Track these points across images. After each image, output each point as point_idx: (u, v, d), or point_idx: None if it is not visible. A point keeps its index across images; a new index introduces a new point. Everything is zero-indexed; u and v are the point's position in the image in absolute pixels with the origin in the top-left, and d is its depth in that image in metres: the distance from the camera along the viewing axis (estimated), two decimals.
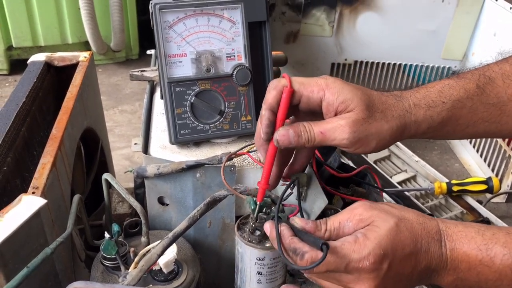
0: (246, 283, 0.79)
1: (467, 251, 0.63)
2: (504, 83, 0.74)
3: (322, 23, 2.53)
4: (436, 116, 0.72)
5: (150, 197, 0.97)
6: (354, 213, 0.66)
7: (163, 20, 0.92)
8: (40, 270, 0.73)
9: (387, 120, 0.70)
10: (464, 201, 1.97)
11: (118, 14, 3.05)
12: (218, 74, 0.96)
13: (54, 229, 0.82)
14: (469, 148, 2.40)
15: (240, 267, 0.80)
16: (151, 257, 0.76)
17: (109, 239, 0.83)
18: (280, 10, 2.50)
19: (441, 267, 0.64)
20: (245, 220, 0.77)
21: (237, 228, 0.75)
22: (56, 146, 0.90)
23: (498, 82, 0.74)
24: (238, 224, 0.76)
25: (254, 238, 0.73)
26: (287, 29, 2.55)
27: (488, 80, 0.74)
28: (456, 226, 0.65)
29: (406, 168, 2.20)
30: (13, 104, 1.02)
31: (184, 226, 0.79)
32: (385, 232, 0.63)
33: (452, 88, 0.74)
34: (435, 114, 0.72)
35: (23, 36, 3.06)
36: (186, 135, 0.96)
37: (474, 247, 0.63)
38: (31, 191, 0.78)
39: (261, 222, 0.73)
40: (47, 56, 1.26)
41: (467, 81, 0.74)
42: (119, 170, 1.93)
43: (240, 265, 0.79)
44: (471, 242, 0.63)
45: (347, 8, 2.50)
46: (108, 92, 2.95)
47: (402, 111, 0.71)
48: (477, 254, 0.63)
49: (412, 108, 0.72)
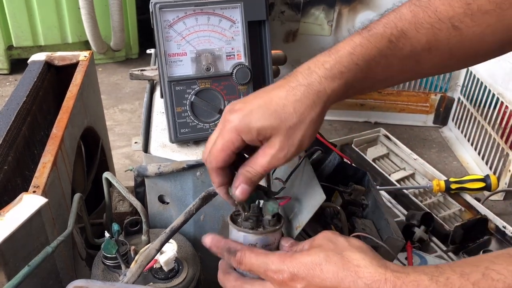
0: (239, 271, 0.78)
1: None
2: (417, 33, 0.71)
3: (321, 22, 2.53)
4: (352, 79, 0.70)
5: (151, 195, 0.98)
6: (313, 238, 0.69)
7: (163, 19, 0.92)
8: (41, 268, 0.74)
9: (305, 117, 0.69)
10: (462, 198, 1.97)
11: (118, 14, 3.05)
12: (218, 73, 0.96)
13: (55, 228, 0.83)
14: (467, 146, 2.41)
15: None
16: (149, 253, 0.76)
17: (109, 238, 0.83)
18: (279, 9, 2.51)
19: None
20: (238, 212, 0.77)
21: (230, 219, 0.76)
22: (56, 145, 0.91)
23: (411, 33, 0.71)
24: (231, 215, 0.77)
25: (247, 225, 0.74)
26: (286, 28, 2.55)
27: (401, 33, 0.71)
28: (407, 276, 0.59)
29: (405, 166, 2.21)
30: (14, 104, 1.02)
31: (181, 220, 0.79)
32: (309, 259, 0.64)
33: (363, 48, 0.70)
34: (350, 78, 0.70)
35: (23, 36, 3.06)
36: (186, 134, 0.97)
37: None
38: (32, 190, 0.79)
39: (253, 212, 0.74)
40: (47, 56, 1.26)
41: (379, 38, 0.71)
42: (119, 168, 1.94)
43: None
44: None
45: (345, 7, 2.51)
46: (108, 91, 2.96)
47: (315, 94, 0.69)
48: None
49: (324, 83, 0.69)
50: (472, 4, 0.69)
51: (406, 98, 2.63)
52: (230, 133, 0.69)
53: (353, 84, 0.71)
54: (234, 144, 0.69)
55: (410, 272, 0.59)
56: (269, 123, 0.68)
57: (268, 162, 0.70)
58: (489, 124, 2.21)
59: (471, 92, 2.42)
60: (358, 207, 1.03)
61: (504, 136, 2.08)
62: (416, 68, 0.75)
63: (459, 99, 2.54)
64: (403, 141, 2.35)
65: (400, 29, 0.71)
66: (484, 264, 0.56)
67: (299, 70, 0.72)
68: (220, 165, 0.71)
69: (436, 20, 0.71)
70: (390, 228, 0.92)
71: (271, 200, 0.75)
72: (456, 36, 0.71)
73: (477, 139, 2.32)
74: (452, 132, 2.59)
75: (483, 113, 2.28)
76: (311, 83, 0.69)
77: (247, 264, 0.68)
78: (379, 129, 2.38)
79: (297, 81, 0.70)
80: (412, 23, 0.71)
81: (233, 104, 0.72)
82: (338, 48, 0.71)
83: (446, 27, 0.71)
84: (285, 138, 0.68)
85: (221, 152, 0.70)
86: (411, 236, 1.69)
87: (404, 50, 0.72)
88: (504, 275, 0.54)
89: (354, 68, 0.70)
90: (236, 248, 0.70)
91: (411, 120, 2.67)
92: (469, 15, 0.70)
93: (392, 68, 0.73)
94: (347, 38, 0.73)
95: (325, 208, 0.98)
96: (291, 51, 2.53)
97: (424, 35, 0.71)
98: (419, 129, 2.66)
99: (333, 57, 0.71)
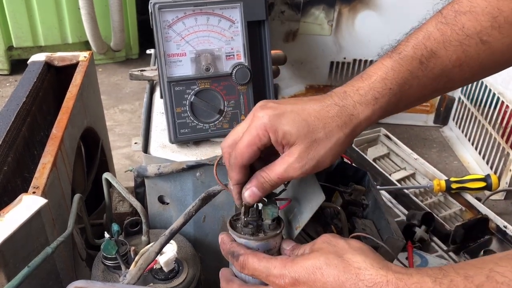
0: (241, 277, 0.78)
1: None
2: (447, 51, 0.72)
3: (321, 22, 2.53)
4: (386, 105, 0.71)
5: (151, 196, 0.98)
6: (314, 242, 0.68)
7: (163, 19, 0.92)
8: (41, 269, 0.74)
9: (332, 135, 0.69)
10: (463, 198, 1.97)
11: (118, 14, 3.05)
12: (218, 73, 0.96)
13: (55, 229, 0.83)
14: (467, 145, 2.41)
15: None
16: (149, 255, 0.76)
17: (109, 238, 0.83)
18: (279, 9, 2.51)
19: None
20: (237, 217, 0.77)
21: (230, 225, 0.76)
22: (56, 146, 0.91)
23: (441, 53, 0.72)
24: (230, 220, 0.76)
25: (247, 231, 0.73)
26: (286, 28, 2.55)
27: (431, 54, 0.72)
28: (410, 278, 0.58)
29: (405, 166, 2.20)
30: (14, 104, 1.02)
31: (181, 222, 0.79)
32: (310, 263, 0.63)
33: (396, 71, 0.71)
34: (384, 104, 0.71)
35: (23, 36, 3.06)
36: (185, 134, 0.97)
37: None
38: (32, 190, 0.79)
39: (253, 216, 0.74)
40: (47, 56, 1.26)
41: (409, 60, 0.72)
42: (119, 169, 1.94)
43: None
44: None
45: (346, 7, 2.50)
46: (108, 92, 2.96)
47: (347, 117, 0.70)
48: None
49: (358, 108, 0.70)
50: (499, 17, 0.69)
51: None
52: (258, 129, 0.69)
53: (387, 108, 0.72)
54: (261, 140, 0.69)
55: (413, 274, 0.58)
56: (296, 130, 0.68)
57: (284, 170, 0.70)
58: (490, 124, 2.21)
59: (471, 91, 2.41)
60: (358, 207, 1.03)
61: (504, 135, 2.08)
62: (448, 85, 0.75)
63: (460, 98, 2.53)
64: (404, 140, 2.35)
65: (429, 50, 0.72)
66: (488, 266, 0.55)
67: (335, 91, 0.72)
68: (245, 162, 0.71)
69: (464, 36, 0.71)
70: (390, 228, 0.92)
71: (270, 204, 0.75)
72: (485, 50, 0.71)
73: (477, 139, 2.32)
74: (453, 131, 2.59)
75: (483, 112, 2.28)
76: (345, 105, 0.70)
77: (250, 268, 0.69)
78: (380, 129, 2.37)
79: (332, 100, 0.71)
80: (441, 42, 0.72)
81: (266, 102, 0.72)
82: (370, 74, 0.72)
83: (475, 42, 0.71)
84: (307, 149, 0.69)
85: (248, 148, 0.70)
86: (411, 236, 1.69)
87: (435, 69, 0.72)
88: (508, 278, 0.53)
89: (388, 93, 0.71)
90: (240, 252, 0.70)
91: (412, 120, 2.67)
92: (496, 28, 0.70)
93: (425, 88, 0.74)
94: (377, 62, 0.74)
95: (325, 208, 0.98)
96: (291, 51, 2.54)
97: (454, 53, 0.71)
98: (420, 129, 2.66)
99: (366, 82, 0.71)
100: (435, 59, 0.72)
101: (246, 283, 0.73)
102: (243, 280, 0.73)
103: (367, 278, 0.60)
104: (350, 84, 0.72)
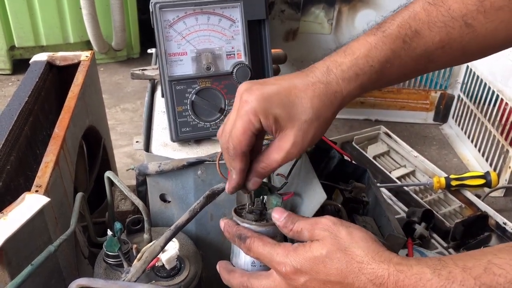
0: (241, 266, 0.78)
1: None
2: (431, 32, 0.72)
3: (321, 21, 2.54)
4: (367, 81, 0.72)
5: (152, 194, 0.98)
6: (314, 226, 0.68)
7: (163, 19, 0.93)
8: (44, 267, 0.74)
9: (321, 114, 0.70)
10: (462, 195, 1.98)
11: (119, 14, 3.06)
12: (218, 72, 0.97)
13: (58, 227, 0.83)
14: (467, 143, 2.41)
15: (235, 252, 0.79)
16: (154, 249, 0.77)
17: (112, 236, 0.84)
18: (279, 8, 2.51)
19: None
20: (242, 207, 0.78)
21: (234, 212, 0.77)
22: (58, 145, 0.91)
23: (425, 33, 0.72)
24: (235, 209, 0.77)
25: (250, 217, 0.74)
26: (286, 27, 2.56)
27: (414, 33, 0.72)
28: (410, 269, 0.59)
29: (405, 163, 2.21)
30: (16, 104, 1.03)
31: (186, 218, 0.79)
32: (312, 255, 0.64)
33: (378, 50, 0.71)
34: (365, 80, 0.71)
35: (25, 36, 3.06)
36: (187, 133, 0.97)
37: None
38: (34, 189, 0.79)
39: (257, 206, 0.75)
40: (49, 56, 1.26)
41: (393, 39, 0.72)
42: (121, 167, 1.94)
43: (235, 251, 0.78)
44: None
45: (345, 6, 2.51)
46: (110, 91, 2.96)
47: (332, 94, 0.70)
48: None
49: (341, 84, 0.71)
50: (485, 1, 0.70)
51: (406, 96, 2.63)
52: (248, 114, 0.69)
53: (367, 85, 0.72)
54: (255, 125, 0.69)
55: (413, 265, 0.59)
56: (287, 113, 0.69)
57: (282, 158, 0.71)
58: (489, 121, 2.22)
59: (471, 89, 2.42)
60: (359, 204, 1.04)
61: (504, 133, 2.09)
62: (428, 65, 0.76)
63: (459, 96, 2.54)
64: (404, 138, 2.35)
65: (414, 29, 0.72)
66: (487, 258, 0.56)
67: (317, 66, 0.72)
68: (244, 149, 0.71)
69: (449, 18, 0.71)
70: (391, 225, 0.93)
71: (274, 195, 0.76)
72: (469, 33, 0.71)
73: (477, 136, 2.32)
74: (452, 129, 2.59)
75: (483, 110, 2.29)
76: (329, 81, 0.70)
77: (255, 251, 0.70)
78: (380, 127, 2.38)
79: (316, 77, 0.71)
80: (426, 23, 0.72)
81: (250, 83, 0.72)
82: (353, 49, 0.72)
83: (459, 25, 0.71)
84: (300, 132, 0.70)
85: (244, 135, 0.70)
86: (412, 233, 1.69)
87: (417, 49, 0.73)
88: (506, 270, 0.54)
89: (369, 71, 0.71)
90: (247, 234, 0.71)
91: (412, 118, 2.68)
92: (482, 12, 0.70)
93: (406, 67, 0.74)
94: (361, 38, 0.74)
95: (326, 206, 0.98)
96: (291, 49, 2.55)
97: (438, 34, 0.72)
98: (420, 127, 2.66)
99: (349, 58, 0.71)
100: (418, 39, 0.72)
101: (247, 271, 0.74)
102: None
103: (369, 271, 0.61)
104: (332, 58, 0.73)
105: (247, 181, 0.74)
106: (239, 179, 0.74)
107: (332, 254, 0.63)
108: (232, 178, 0.74)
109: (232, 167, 0.73)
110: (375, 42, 0.72)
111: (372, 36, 0.73)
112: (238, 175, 0.73)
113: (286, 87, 0.70)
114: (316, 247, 0.65)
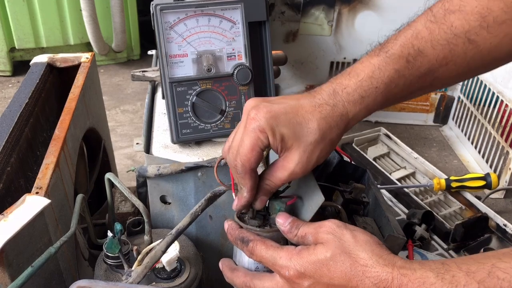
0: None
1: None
2: (434, 50, 0.72)
3: (321, 22, 2.54)
4: (372, 103, 0.72)
5: (153, 196, 0.98)
6: (318, 230, 0.68)
7: (164, 20, 0.93)
8: (45, 269, 0.74)
9: (326, 136, 0.70)
10: (462, 197, 1.98)
11: (119, 15, 3.06)
12: (219, 73, 0.97)
13: (58, 229, 0.83)
14: (467, 144, 2.41)
15: (237, 256, 0.79)
16: (155, 254, 0.77)
17: (112, 237, 0.84)
18: (279, 10, 2.51)
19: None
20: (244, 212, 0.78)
21: (238, 217, 0.77)
22: (59, 147, 0.91)
23: (428, 51, 0.72)
24: (237, 213, 0.77)
25: (254, 223, 0.74)
26: (286, 28, 2.56)
27: (418, 52, 0.72)
28: (413, 273, 0.59)
29: (405, 165, 2.21)
30: (16, 105, 1.03)
31: (187, 222, 0.79)
32: (316, 258, 0.64)
33: (382, 70, 0.71)
34: (370, 102, 0.71)
35: (25, 38, 3.07)
36: (187, 134, 0.97)
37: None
38: (35, 191, 0.79)
39: (259, 212, 0.75)
40: (49, 58, 1.27)
41: (396, 59, 0.72)
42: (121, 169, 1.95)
43: (238, 252, 0.78)
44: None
45: (345, 7, 2.51)
46: (110, 92, 2.96)
47: (338, 117, 0.71)
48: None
49: (347, 107, 0.71)
50: (488, 16, 0.69)
51: None
52: (256, 131, 0.69)
53: (373, 107, 0.73)
54: (263, 142, 0.69)
55: (417, 269, 0.60)
56: (293, 132, 0.69)
57: (286, 177, 0.71)
58: (489, 123, 2.22)
59: (471, 91, 2.42)
60: (359, 205, 1.03)
61: (504, 134, 2.09)
62: (434, 82, 0.76)
63: (459, 98, 2.54)
64: (404, 140, 2.36)
65: (417, 48, 0.72)
66: (491, 262, 0.56)
67: (324, 88, 0.73)
68: (253, 166, 0.70)
69: (452, 35, 0.71)
70: (391, 225, 0.93)
71: (278, 199, 0.76)
72: (472, 49, 0.71)
73: (477, 138, 2.32)
74: (453, 130, 2.60)
75: (483, 111, 2.29)
76: (335, 104, 0.71)
77: (258, 255, 0.70)
78: (380, 128, 2.38)
79: (323, 99, 0.71)
80: (429, 41, 0.72)
81: (257, 100, 0.72)
82: (357, 71, 0.72)
83: (462, 41, 0.71)
84: (305, 153, 0.69)
85: (252, 152, 0.69)
86: (412, 235, 1.69)
87: (422, 68, 0.72)
88: (510, 274, 0.54)
89: (374, 92, 0.71)
90: (250, 238, 0.71)
91: (412, 119, 2.68)
92: (485, 28, 0.70)
93: (411, 86, 0.74)
94: (365, 59, 0.74)
95: (326, 207, 0.98)
96: (291, 51, 2.55)
97: (441, 52, 0.72)
98: (420, 128, 2.66)
99: (353, 80, 0.72)
100: (422, 57, 0.72)
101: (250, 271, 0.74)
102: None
103: (373, 275, 0.61)
104: (338, 81, 0.73)
105: (253, 200, 0.74)
106: (249, 197, 0.73)
107: (336, 257, 0.63)
108: (243, 196, 0.73)
109: (242, 185, 0.73)
110: (378, 63, 0.72)
111: (375, 58, 0.73)
112: (249, 193, 0.73)
113: (294, 107, 0.70)
114: (320, 250, 0.65)
